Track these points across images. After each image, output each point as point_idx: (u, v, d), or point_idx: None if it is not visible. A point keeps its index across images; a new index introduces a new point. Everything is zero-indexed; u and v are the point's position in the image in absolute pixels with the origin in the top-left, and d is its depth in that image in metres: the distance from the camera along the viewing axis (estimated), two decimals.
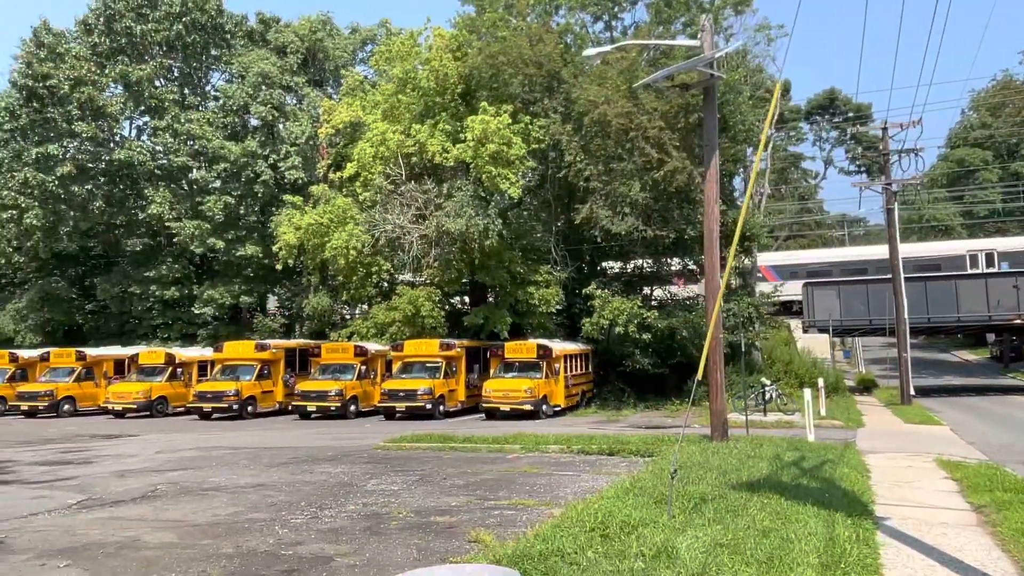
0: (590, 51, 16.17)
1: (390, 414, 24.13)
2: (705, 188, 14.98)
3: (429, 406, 23.55)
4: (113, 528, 8.49)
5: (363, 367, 26.16)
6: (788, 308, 36.24)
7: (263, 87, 34.97)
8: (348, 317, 35.96)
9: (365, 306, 32.60)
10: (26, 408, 28.26)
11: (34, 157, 33.07)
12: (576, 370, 26.37)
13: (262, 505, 9.74)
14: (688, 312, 26.09)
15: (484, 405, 23.56)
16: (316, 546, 7.52)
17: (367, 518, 8.84)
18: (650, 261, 28.95)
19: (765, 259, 36.06)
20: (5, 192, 33.54)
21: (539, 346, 24.37)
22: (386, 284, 32.06)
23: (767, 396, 22.51)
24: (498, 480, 11.48)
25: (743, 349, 19.66)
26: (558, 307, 27.74)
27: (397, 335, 27.89)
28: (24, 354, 31.54)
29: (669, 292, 29.66)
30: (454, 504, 9.58)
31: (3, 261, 37.61)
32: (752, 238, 27.33)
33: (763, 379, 24.19)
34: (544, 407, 23.54)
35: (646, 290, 29.15)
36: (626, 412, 24.74)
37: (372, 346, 27.23)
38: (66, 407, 28.51)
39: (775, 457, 12.00)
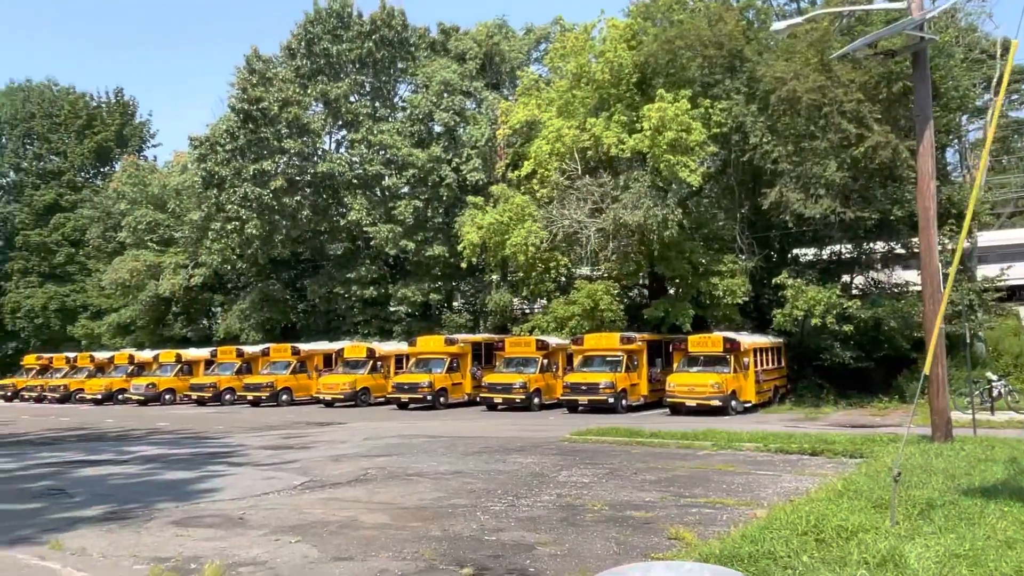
0: (778, 25, 15.17)
1: (572, 407, 24.33)
2: (917, 162, 13.54)
3: (611, 400, 23.45)
4: (333, 508, 9.24)
5: (545, 360, 26.59)
6: (1014, 294, 32.00)
7: (445, 94, 36.60)
8: (528, 312, 36.75)
9: (544, 301, 33.15)
10: (251, 398, 31.73)
11: (251, 173, 36.93)
12: (767, 364, 25.02)
13: (462, 491, 10.16)
14: (896, 300, 23.84)
15: (668, 400, 23.03)
16: (517, 534, 7.70)
17: (562, 509, 8.92)
18: (849, 246, 26.81)
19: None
20: (229, 206, 37.78)
21: (726, 339, 23.39)
22: (564, 279, 32.31)
23: (994, 392, 20.01)
24: (691, 477, 11.14)
25: (967, 341, 17.60)
26: (745, 298, 26.46)
27: (576, 329, 28.03)
28: (248, 350, 35.41)
29: (872, 279, 27.29)
30: (648, 499, 9.41)
31: (229, 267, 42.39)
32: (973, 216, 24.43)
33: (988, 374, 21.52)
34: (733, 403, 22.58)
35: (845, 278, 27.03)
36: (826, 410, 23.08)
37: (553, 340, 27.59)
38: (284, 397, 31.64)
39: (1011, 460, 10.61)
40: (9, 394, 42.69)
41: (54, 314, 51.55)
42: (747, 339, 24.14)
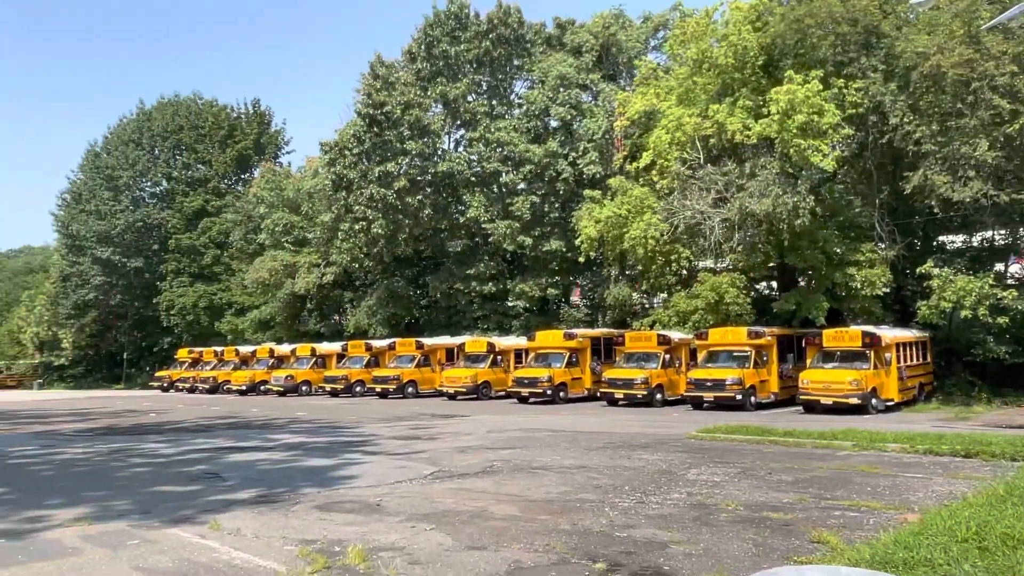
0: None
1: (697, 403, 23.71)
2: None
3: (739, 397, 22.67)
4: (463, 498, 9.46)
5: (667, 356, 26.06)
6: None
7: (561, 89, 36.59)
8: (648, 306, 36.13)
9: (665, 294, 32.45)
10: (379, 390, 33.10)
11: (376, 175, 38.43)
12: (910, 360, 23.39)
13: (588, 486, 10.12)
14: None
15: (801, 397, 21.97)
16: (648, 531, 7.58)
17: (694, 507, 8.70)
18: (1003, 231, 24.60)
19: None
20: (356, 207, 39.49)
21: (864, 333, 22.04)
22: (685, 272, 31.53)
23: None
24: (831, 478, 10.56)
25: None
26: (885, 289, 24.85)
27: (700, 323, 27.29)
28: (376, 344, 36.94)
29: None
30: (786, 500, 9.01)
31: (357, 266, 44.35)
32: None
33: None
34: (873, 401, 21.25)
35: (999, 266, 24.84)
36: (977, 409, 21.29)
37: (675, 334, 27.00)
38: (409, 389, 32.79)
39: None
40: (165, 385, 46.72)
41: (203, 311, 55.79)
42: (888, 333, 22.66)
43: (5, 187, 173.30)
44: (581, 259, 31.91)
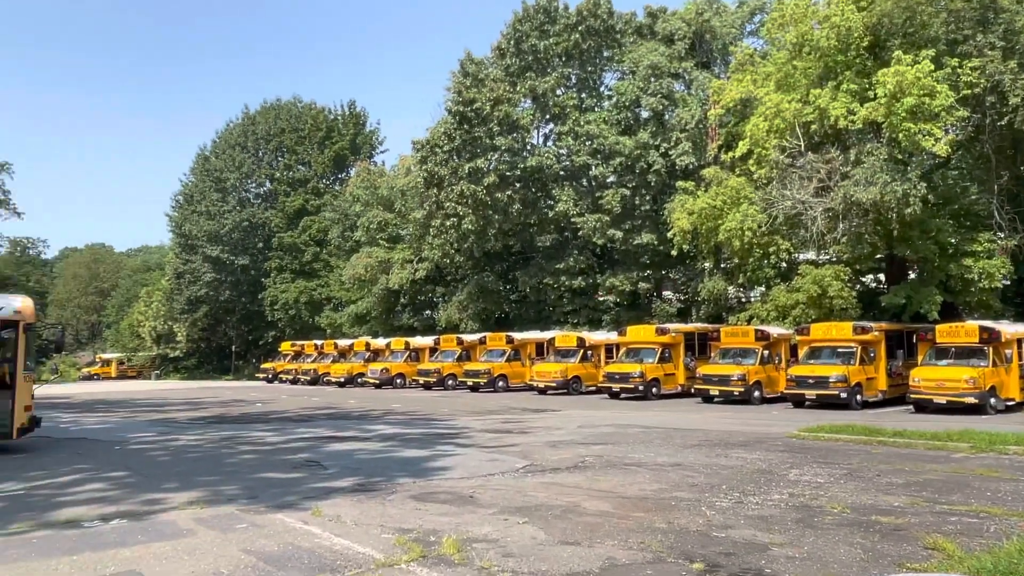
0: None
1: (798, 402, 22.82)
2: None
3: (844, 395, 21.64)
4: (555, 493, 9.43)
5: (765, 352, 25.18)
6: None
7: (652, 78, 35.93)
8: (745, 300, 35.03)
9: (763, 288, 31.39)
10: (470, 383, 33.56)
11: (467, 172, 38.92)
12: None
13: (683, 484, 9.90)
14: None
15: (912, 396, 20.74)
16: (748, 532, 7.33)
17: (797, 509, 8.35)
18: None
19: None
20: (447, 203, 40.13)
21: (982, 328, 20.59)
22: (785, 264, 30.39)
23: None
24: (946, 482, 9.92)
25: None
26: (1004, 282, 23.17)
27: (801, 318, 26.24)
28: (467, 338, 37.46)
29: None
30: (896, 504, 8.52)
31: (448, 261, 45.13)
32: None
33: None
34: (992, 400, 19.84)
35: None
36: None
37: (774, 330, 26.05)
38: (500, 383, 33.08)
39: None
40: (270, 376, 49.03)
41: (304, 306, 58.20)
42: (1009, 328, 21.11)
43: (125, 191, 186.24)
44: (674, 252, 31.27)
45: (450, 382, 35.49)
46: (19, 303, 14.49)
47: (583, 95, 40.55)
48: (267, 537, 7.30)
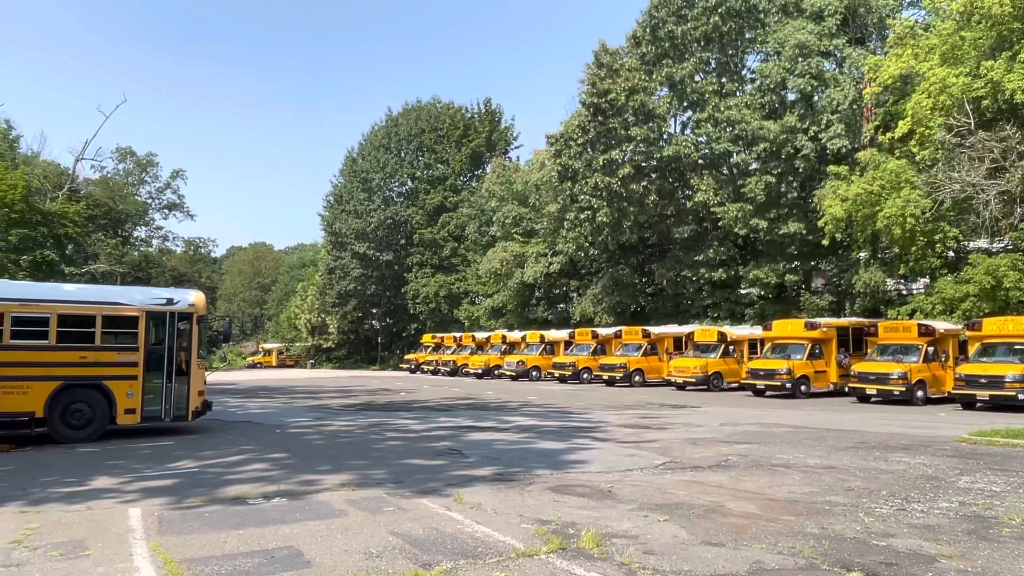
0: None
1: (968, 403, 20.90)
2: None
3: (1022, 396, 19.55)
4: (697, 491, 9.15)
5: (930, 348, 23.21)
6: None
7: (800, 58, 33.99)
8: (906, 292, 32.50)
9: (927, 280, 28.97)
10: (606, 377, 33.34)
11: (601, 164, 38.60)
12: None
13: (838, 488, 9.30)
14: None
15: None
16: (912, 541, 6.77)
17: (968, 519, 7.62)
18: None
19: None
20: (582, 196, 40.02)
21: None
22: (952, 253, 27.94)
23: None
24: None
25: None
26: None
27: (971, 312, 24.02)
28: (602, 332, 37.22)
29: None
30: None
31: (582, 254, 45.02)
32: None
33: None
34: None
35: None
36: None
37: (940, 324, 23.98)
38: (636, 378, 32.62)
39: None
40: (412, 367, 51.12)
41: (443, 299, 60.19)
42: None
43: (284, 193, 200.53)
44: (824, 242, 29.49)
45: (585, 375, 35.42)
46: (193, 297, 15.95)
47: (723, 80, 39.04)
48: (412, 521, 7.59)
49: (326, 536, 6.99)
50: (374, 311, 69.78)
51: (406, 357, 55.76)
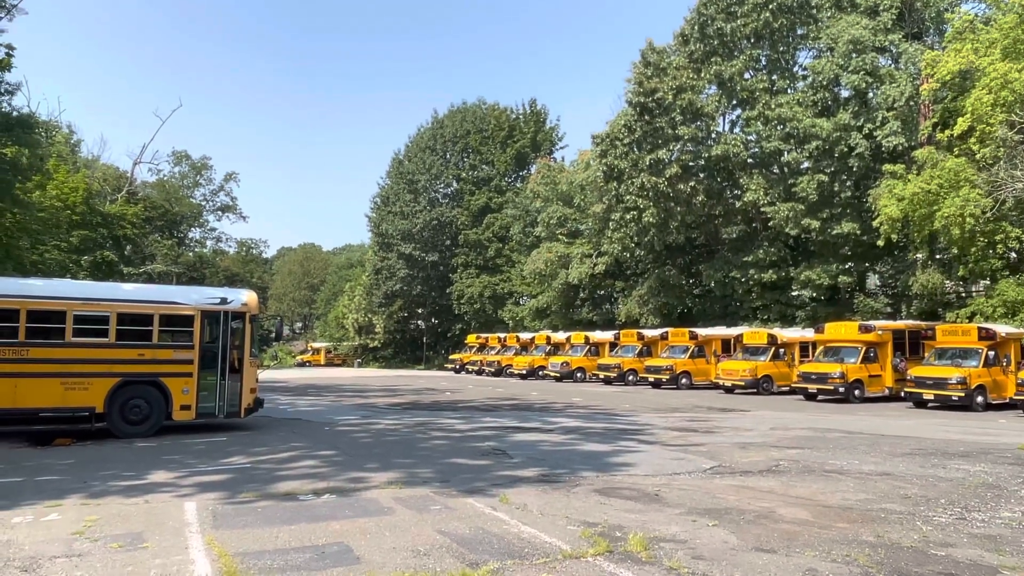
0: None
1: None
2: None
3: None
4: (747, 496, 9.00)
5: (990, 352, 22.40)
6: None
7: (854, 54, 33.17)
8: (965, 295, 31.44)
9: (987, 281, 27.99)
10: (652, 379, 32.98)
11: (647, 163, 38.26)
12: None
13: (894, 496, 9.04)
14: None
15: None
16: (972, 552, 6.54)
17: None
18: None
19: None
20: (627, 196, 39.72)
21: None
22: (1015, 254, 26.93)
23: None
24: None
25: None
26: None
27: None
28: (648, 333, 36.84)
29: None
30: None
31: (628, 255, 44.68)
32: None
33: None
34: None
35: None
36: None
37: (1001, 328, 23.14)
38: (683, 380, 32.20)
39: None
40: (457, 367, 51.41)
41: (488, 300, 60.43)
42: None
43: (332, 195, 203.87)
44: (880, 243, 28.71)
45: (631, 378, 35.12)
46: (246, 297, 16.33)
47: (774, 77, 38.33)
48: (459, 520, 7.63)
49: (374, 533, 7.08)
50: (420, 311, 70.45)
51: (451, 357, 56.12)
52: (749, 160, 38.31)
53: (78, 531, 7.15)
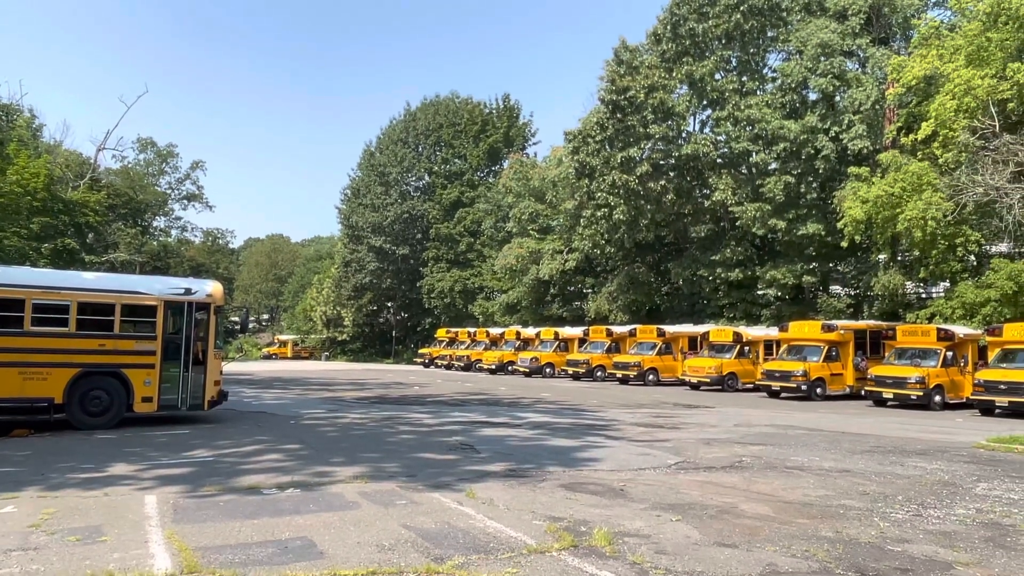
0: None
1: (987, 409, 20.70)
2: None
3: None
4: (710, 492, 9.11)
5: (949, 353, 22.97)
6: None
7: (822, 58, 33.66)
8: (925, 296, 32.17)
9: (947, 283, 28.67)
10: (620, 375, 33.26)
11: (619, 161, 38.41)
12: None
13: (853, 492, 9.22)
14: None
15: None
16: (927, 547, 6.70)
17: (985, 526, 7.54)
18: None
19: None
20: (599, 194, 39.86)
21: None
22: (974, 258, 27.60)
23: None
24: None
25: None
26: None
27: (992, 317, 23.76)
28: (616, 330, 37.10)
29: None
30: None
31: (598, 252, 44.87)
32: None
33: None
34: None
35: None
36: None
37: (959, 329, 23.72)
38: (650, 376, 32.51)
39: None
40: (426, 361, 51.25)
41: (458, 294, 60.28)
42: None
43: (301, 186, 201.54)
44: (843, 244, 29.22)
45: (599, 373, 35.35)
46: (211, 287, 16.08)
47: (744, 78, 38.73)
48: (425, 514, 7.61)
49: (339, 528, 7.03)
50: (389, 305, 70.01)
51: (420, 351, 55.91)
52: (718, 160, 38.69)
53: (34, 524, 6.98)
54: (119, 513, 7.51)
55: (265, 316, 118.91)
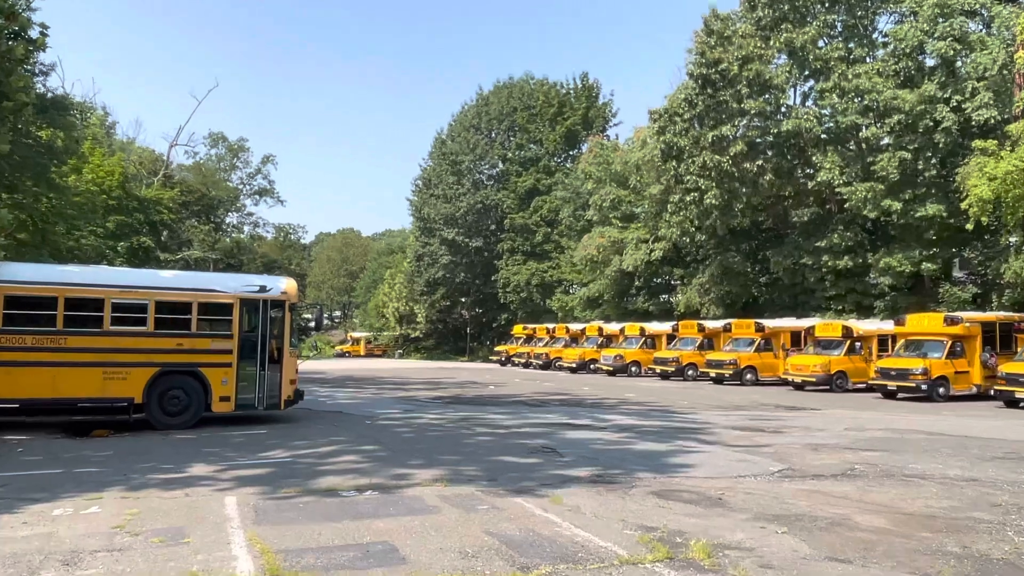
0: None
1: None
2: None
3: None
4: (819, 502, 8.86)
5: None
6: None
7: (940, 19, 32.09)
8: None
9: None
10: (713, 374, 32.69)
11: (710, 140, 37.68)
12: None
13: (982, 503, 8.80)
14: None
15: None
16: None
17: None
18: None
19: None
20: (688, 177, 39.23)
21: None
22: None
23: None
24: None
25: None
26: None
27: None
28: (709, 325, 36.47)
29: None
30: None
31: (687, 240, 44.16)
32: None
33: None
34: None
35: None
36: None
37: None
38: (748, 376, 31.81)
39: None
40: (503, 359, 51.67)
41: (535, 288, 60.50)
42: None
43: (372, 178, 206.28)
44: (968, 226, 27.78)
45: (690, 372, 34.84)
46: (285, 284, 16.69)
47: (851, 45, 37.28)
48: (508, 520, 7.71)
49: (420, 533, 7.20)
50: (463, 300, 70.91)
51: (496, 348, 56.40)
52: (823, 136, 37.45)
53: (119, 525, 7.44)
54: (200, 514, 7.92)
55: (337, 313, 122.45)
